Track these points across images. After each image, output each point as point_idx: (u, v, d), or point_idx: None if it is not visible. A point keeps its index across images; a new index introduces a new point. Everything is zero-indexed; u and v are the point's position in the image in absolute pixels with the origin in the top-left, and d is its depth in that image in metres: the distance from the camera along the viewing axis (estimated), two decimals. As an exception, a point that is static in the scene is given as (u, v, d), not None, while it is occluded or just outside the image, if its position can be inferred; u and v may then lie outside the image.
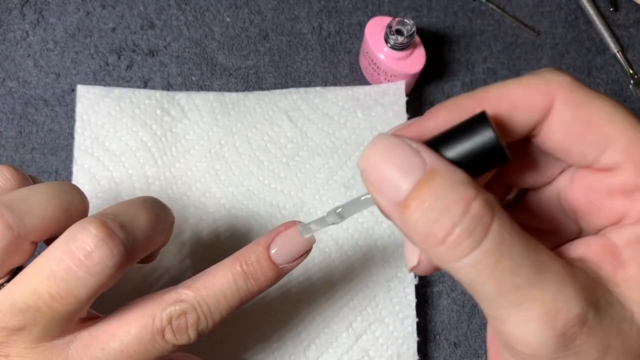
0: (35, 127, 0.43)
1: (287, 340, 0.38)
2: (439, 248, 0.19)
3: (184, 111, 0.41)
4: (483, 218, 0.18)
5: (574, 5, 0.48)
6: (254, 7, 0.46)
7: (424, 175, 0.19)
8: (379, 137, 0.20)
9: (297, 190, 0.41)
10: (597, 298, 0.19)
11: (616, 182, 0.21)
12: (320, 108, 0.42)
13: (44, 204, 0.25)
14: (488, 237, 0.18)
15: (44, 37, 0.44)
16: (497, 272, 0.18)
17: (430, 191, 0.19)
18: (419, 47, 0.42)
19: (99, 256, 0.24)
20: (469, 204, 0.18)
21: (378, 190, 0.20)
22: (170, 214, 0.28)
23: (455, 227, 0.18)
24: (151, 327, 0.26)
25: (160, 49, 0.45)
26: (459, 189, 0.18)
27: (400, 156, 0.20)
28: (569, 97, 0.21)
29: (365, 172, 0.20)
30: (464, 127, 0.20)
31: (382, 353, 0.38)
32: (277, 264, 0.27)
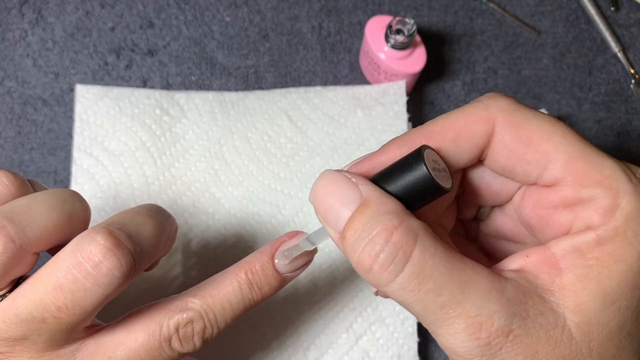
0: (34, 127, 0.43)
1: (287, 341, 0.38)
2: (368, 275, 0.21)
3: (183, 111, 0.41)
4: (404, 246, 0.20)
5: (575, 4, 0.48)
6: (253, 7, 0.46)
7: (357, 207, 0.21)
8: (324, 172, 0.23)
9: (297, 190, 0.40)
10: (526, 308, 0.20)
11: (558, 196, 0.23)
12: (320, 108, 0.42)
13: (46, 214, 0.25)
14: (410, 262, 0.20)
15: (43, 36, 0.44)
16: (421, 294, 0.20)
17: (360, 222, 0.21)
18: (419, 46, 0.42)
19: (107, 267, 0.23)
20: (390, 233, 0.20)
21: (325, 220, 0.22)
22: (174, 222, 0.28)
23: (378, 255, 0.20)
24: (158, 335, 0.26)
25: (159, 49, 0.45)
26: (383, 219, 0.20)
27: (341, 189, 0.22)
28: (508, 120, 0.23)
29: (314, 205, 0.23)
30: (402, 163, 0.22)
31: (383, 354, 0.38)
32: (281, 272, 0.28)
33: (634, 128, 0.46)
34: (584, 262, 0.21)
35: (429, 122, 0.24)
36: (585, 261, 0.21)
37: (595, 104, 0.46)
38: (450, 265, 0.20)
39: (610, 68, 0.47)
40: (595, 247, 0.21)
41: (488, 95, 0.24)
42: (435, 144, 0.23)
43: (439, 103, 0.45)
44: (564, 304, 0.21)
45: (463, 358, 0.21)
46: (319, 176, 0.23)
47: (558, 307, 0.21)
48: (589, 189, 0.22)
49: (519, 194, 0.25)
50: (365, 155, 0.25)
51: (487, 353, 0.20)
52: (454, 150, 0.23)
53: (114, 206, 0.39)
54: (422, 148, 0.22)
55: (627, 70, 0.47)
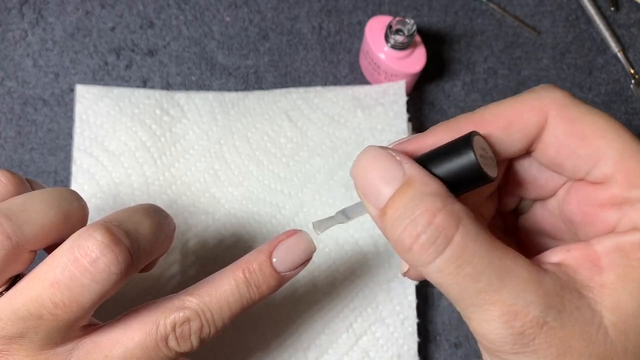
0: (34, 127, 0.43)
1: (287, 341, 0.38)
2: (407, 254, 0.21)
3: (184, 111, 0.41)
4: (446, 229, 0.20)
5: (575, 4, 0.48)
6: (253, 7, 0.46)
7: (400, 186, 0.21)
8: (368, 148, 0.22)
9: (297, 190, 0.40)
10: (564, 302, 0.20)
11: (607, 194, 0.22)
12: (320, 108, 0.42)
13: (43, 212, 0.25)
14: (450, 246, 0.20)
15: (43, 36, 0.44)
16: (459, 278, 0.20)
17: (402, 201, 0.21)
18: (419, 46, 0.42)
19: (104, 263, 0.23)
20: (433, 215, 0.20)
21: (365, 196, 0.22)
22: (172, 222, 0.28)
23: (419, 236, 0.20)
24: (155, 334, 0.26)
25: (159, 49, 0.45)
26: (426, 201, 0.20)
27: (384, 166, 0.22)
28: (562, 113, 0.22)
29: (355, 180, 0.22)
30: (450, 147, 0.22)
31: (383, 354, 0.38)
32: (279, 271, 0.28)
33: (634, 128, 0.46)
34: (627, 262, 0.21)
35: (480, 108, 0.24)
36: (628, 261, 0.21)
37: (595, 104, 0.46)
38: (490, 253, 0.20)
39: (610, 68, 0.47)
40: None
41: (542, 86, 0.23)
42: (486, 131, 0.23)
43: (439, 103, 0.45)
44: (602, 301, 0.20)
45: (494, 345, 0.21)
46: (363, 151, 0.22)
47: (596, 304, 0.20)
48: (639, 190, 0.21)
49: (564, 188, 0.25)
50: (412, 136, 0.24)
51: (520, 342, 0.20)
52: (503, 139, 0.23)
53: (114, 206, 0.39)
54: (472, 134, 0.21)
55: (627, 71, 0.47)
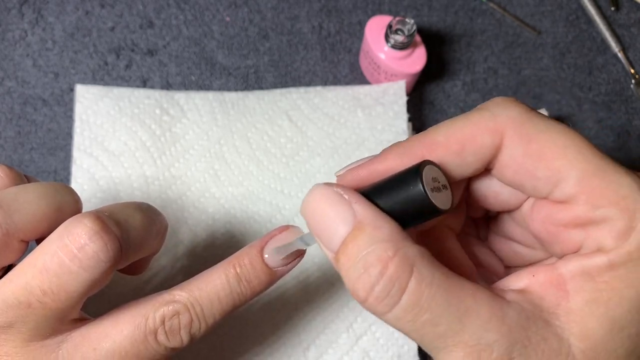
0: (34, 127, 0.43)
1: (286, 341, 0.38)
2: (363, 304, 0.20)
3: (183, 111, 0.41)
4: (400, 278, 0.19)
5: (575, 4, 0.48)
6: (253, 6, 0.46)
7: (351, 231, 0.20)
8: (315, 187, 0.22)
9: (297, 190, 0.40)
10: (529, 334, 0.20)
11: (570, 215, 0.21)
12: (320, 108, 0.42)
13: (35, 203, 0.25)
14: (405, 294, 0.19)
15: (43, 36, 0.44)
16: (417, 325, 0.20)
17: (353, 248, 0.20)
18: (419, 46, 0.42)
19: (92, 250, 0.23)
20: (386, 265, 0.19)
21: (318, 237, 0.22)
22: (164, 220, 0.28)
23: (373, 287, 0.20)
24: (144, 327, 0.26)
25: (159, 49, 0.45)
26: (378, 249, 0.20)
27: (333, 208, 0.21)
28: (519, 132, 0.21)
29: (306, 220, 0.22)
30: (399, 179, 0.21)
31: (383, 354, 0.38)
32: (271, 267, 0.27)
33: (634, 128, 0.46)
34: (594, 286, 0.20)
35: (432, 129, 0.23)
36: (595, 285, 0.20)
37: (596, 104, 0.46)
38: (448, 295, 0.20)
39: (611, 68, 0.47)
40: (606, 271, 0.20)
41: (497, 102, 0.22)
42: (438, 156, 0.22)
43: (439, 103, 0.45)
44: (569, 329, 0.20)
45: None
46: (311, 191, 0.22)
47: (563, 332, 0.20)
48: (603, 210, 0.20)
49: (528, 203, 0.24)
50: (363, 159, 0.24)
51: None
52: (458, 162, 0.22)
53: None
54: (422, 165, 0.21)
55: (627, 70, 0.47)
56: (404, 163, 0.22)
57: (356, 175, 0.23)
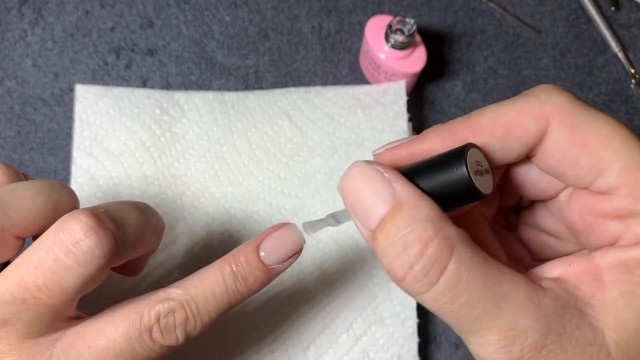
0: (33, 126, 0.43)
1: (287, 341, 0.38)
2: (400, 284, 0.20)
3: (183, 111, 0.41)
4: (439, 259, 0.19)
5: (575, 4, 0.48)
6: (253, 6, 0.46)
7: (391, 209, 0.20)
8: (356, 163, 0.21)
9: (297, 190, 0.40)
10: (563, 322, 0.20)
11: (611, 206, 0.21)
12: (320, 107, 0.42)
13: (31, 199, 0.25)
14: (444, 276, 0.19)
15: (43, 36, 0.44)
16: (454, 307, 0.20)
17: (393, 226, 0.20)
18: (419, 46, 0.42)
19: (88, 245, 0.23)
20: (426, 245, 0.19)
21: (355, 215, 0.21)
22: (161, 219, 0.28)
23: (412, 267, 0.19)
24: (139, 325, 0.25)
25: (159, 48, 0.45)
26: (418, 228, 0.20)
27: (373, 185, 0.21)
28: (565, 120, 0.21)
29: (344, 197, 0.22)
30: (443, 161, 0.21)
31: (383, 354, 0.38)
32: (267, 264, 0.27)
33: (634, 128, 0.46)
34: (630, 279, 0.20)
35: (476, 112, 0.22)
36: (632, 277, 0.20)
37: (596, 104, 0.46)
38: (486, 278, 0.20)
39: (611, 68, 0.47)
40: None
41: (543, 89, 0.22)
42: (482, 139, 0.22)
43: (439, 103, 0.45)
44: (604, 319, 0.20)
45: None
46: (350, 167, 0.21)
47: (597, 322, 0.20)
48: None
49: (565, 193, 0.24)
50: (403, 139, 0.23)
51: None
52: (501, 146, 0.22)
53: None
54: (467, 148, 0.20)
55: (628, 70, 0.47)
56: (446, 145, 0.22)
57: (396, 154, 0.23)
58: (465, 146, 0.21)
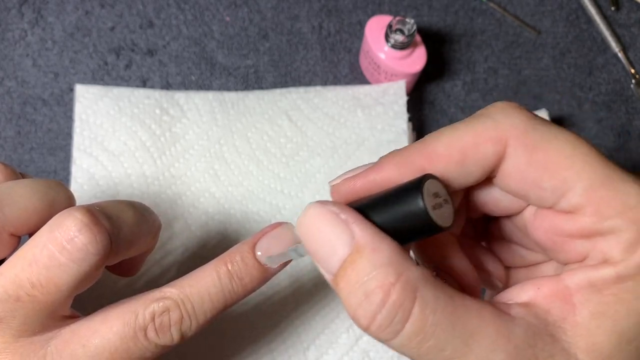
0: (33, 126, 0.43)
1: (286, 341, 0.38)
2: (366, 331, 0.19)
3: (183, 111, 0.41)
4: (403, 305, 0.19)
5: (575, 4, 0.48)
6: (253, 6, 0.46)
7: (349, 254, 0.19)
8: (311, 207, 0.21)
9: (297, 190, 0.40)
10: (535, 352, 0.19)
11: (576, 225, 0.21)
12: (320, 107, 0.42)
13: (27, 197, 0.25)
14: (409, 322, 0.19)
15: (43, 36, 0.44)
16: (422, 351, 0.19)
17: (353, 273, 0.19)
18: (419, 46, 0.42)
19: (82, 242, 0.23)
20: (388, 292, 0.19)
21: (316, 260, 0.21)
22: (157, 219, 0.28)
23: (375, 316, 0.19)
24: (134, 324, 0.25)
25: (159, 48, 0.45)
26: (379, 275, 0.19)
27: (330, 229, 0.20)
28: (523, 140, 0.20)
29: (303, 240, 0.21)
30: (399, 194, 0.20)
31: (383, 354, 0.38)
32: (263, 262, 0.27)
33: (634, 128, 0.46)
34: (600, 299, 0.20)
35: (430, 137, 0.22)
36: (602, 297, 0.20)
37: (596, 103, 0.46)
38: (453, 318, 0.19)
39: (611, 68, 0.47)
40: (614, 283, 0.19)
41: (499, 108, 0.21)
42: (439, 167, 0.21)
43: (439, 103, 0.45)
44: (576, 343, 0.19)
45: None
46: (305, 211, 0.21)
47: (570, 347, 0.19)
48: (610, 221, 0.20)
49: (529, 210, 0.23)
50: (358, 167, 0.23)
51: None
52: (459, 172, 0.21)
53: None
54: (423, 180, 0.20)
55: (628, 70, 0.47)
56: (403, 174, 0.21)
57: (352, 186, 0.22)
58: (421, 179, 0.20)
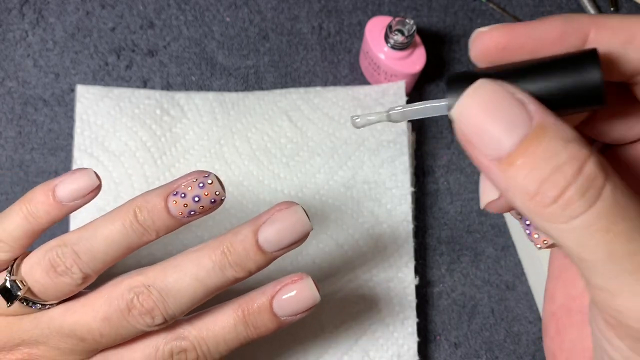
0: (34, 127, 0.43)
1: (286, 342, 0.38)
2: (547, 209, 0.17)
3: (184, 111, 0.41)
4: (596, 179, 0.17)
5: (575, 4, 0.48)
6: (253, 7, 0.46)
7: (532, 131, 0.17)
8: (481, 84, 0.18)
9: (297, 190, 0.40)
10: None
11: None
12: (320, 108, 0.42)
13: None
14: (601, 198, 0.17)
15: (44, 36, 0.44)
16: (610, 236, 0.17)
17: (539, 148, 0.17)
18: (419, 46, 0.42)
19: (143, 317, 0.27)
20: (582, 164, 0.17)
21: (475, 143, 0.18)
22: None
23: (568, 186, 0.17)
24: (153, 357, 0.28)
25: (159, 49, 0.45)
26: (571, 147, 0.17)
27: (504, 109, 0.18)
28: None
29: (461, 123, 0.19)
30: (571, 60, 0.19)
31: (382, 354, 0.38)
32: (279, 316, 0.28)
33: (633, 128, 0.46)
34: None
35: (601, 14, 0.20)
36: None
37: (595, 104, 0.46)
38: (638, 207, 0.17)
39: (610, 68, 0.47)
40: None
41: None
42: (604, 38, 0.19)
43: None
44: None
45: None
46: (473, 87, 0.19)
47: None
48: None
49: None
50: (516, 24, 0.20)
51: None
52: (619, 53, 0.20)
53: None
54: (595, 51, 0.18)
55: (627, 71, 0.47)
56: (566, 34, 0.20)
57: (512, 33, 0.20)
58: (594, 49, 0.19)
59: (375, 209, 0.40)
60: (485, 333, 0.41)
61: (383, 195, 0.40)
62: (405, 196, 0.40)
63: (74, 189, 0.27)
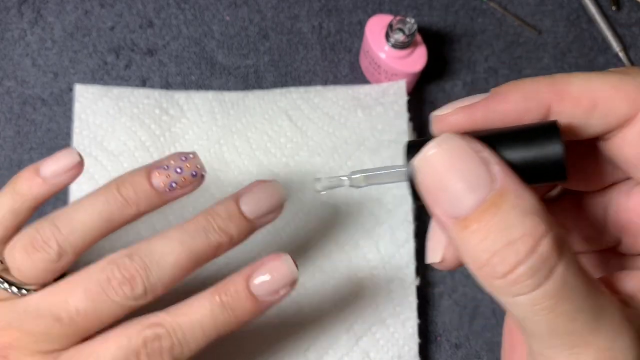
0: (33, 126, 0.43)
1: (287, 342, 0.38)
2: (495, 281, 0.17)
3: (183, 110, 0.41)
4: (548, 260, 0.17)
5: (576, 4, 0.48)
6: (253, 6, 0.46)
7: (490, 197, 0.17)
8: (446, 138, 0.18)
9: (297, 190, 0.40)
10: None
11: None
12: (320, 107, 0.42)
13: None
14: (551, 279, 0.17)
15: (42, 36, 0.44)
16: (553, 315, 0.17)
17: (494, 218, 0.17)
18: (419, 46, 0.42)
19: (127, 290, 0.27)
20: (537, 242, 0.17)
21: (434, 198, 0.18)
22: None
23: (518, 265, 0.17)
24: (126, 347, 0.26)
25: (159, 48, 0.45)
26: (528, 221, 0.17)
27: (466, 166, 0.18)
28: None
29: (422, 175, 0.18)
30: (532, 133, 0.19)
31: (383, 355, 0.38)
32: (257, 296, 0.27)
33: (635, 128, 0.46)
34: None
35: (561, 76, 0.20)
36: None
37: (597, 103, 0.46)
38: (587, 288, 0.17)
39: (612, 68, 0.47)
40: None
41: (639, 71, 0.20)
42: (566, 108, 0.19)
43: (439, 103, 0.45)
44: None
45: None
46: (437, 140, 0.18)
47: None
48: None
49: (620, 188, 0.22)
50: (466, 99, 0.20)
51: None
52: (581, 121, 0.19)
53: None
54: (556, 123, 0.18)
55: (629, 70, 0.47)
56: (528, 108, 0.19)
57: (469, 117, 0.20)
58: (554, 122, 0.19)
59: (376, 209, 0.40)
60: (487, 334, 0.41)
61: (384, 196, 0.40)
62: (406, 196, 0.40)
63: (57, 166, 0.28)
